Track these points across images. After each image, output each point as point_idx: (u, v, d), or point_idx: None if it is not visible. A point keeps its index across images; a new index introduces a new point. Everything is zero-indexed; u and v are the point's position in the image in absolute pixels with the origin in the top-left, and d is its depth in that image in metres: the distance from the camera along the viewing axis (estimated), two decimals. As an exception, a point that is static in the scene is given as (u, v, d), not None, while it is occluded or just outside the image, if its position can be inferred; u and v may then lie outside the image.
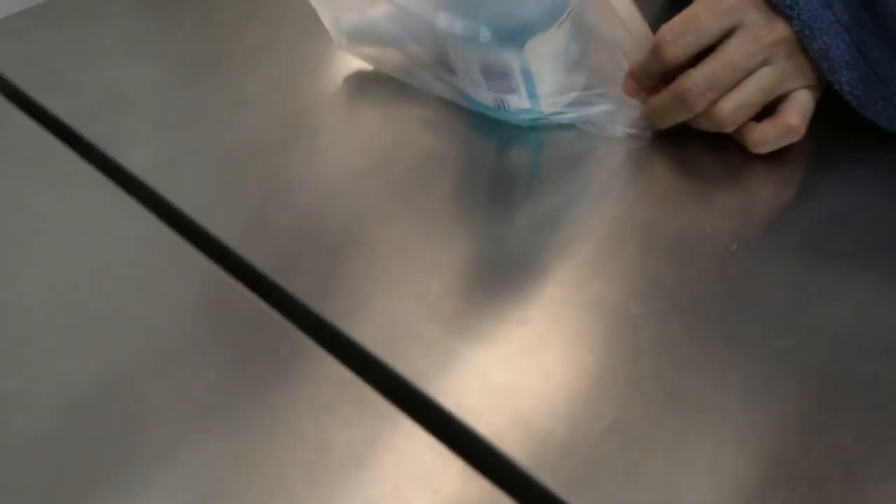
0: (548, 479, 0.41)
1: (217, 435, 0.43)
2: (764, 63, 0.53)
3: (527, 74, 0.55)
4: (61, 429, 0.43)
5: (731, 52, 0.53)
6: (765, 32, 0.53)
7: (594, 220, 0.53)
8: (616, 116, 0.58)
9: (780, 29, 0.53)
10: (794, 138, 0.55)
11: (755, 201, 0.54)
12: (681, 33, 0.53)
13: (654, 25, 0.55)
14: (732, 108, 0.53)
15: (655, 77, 0.56)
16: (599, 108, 0.58)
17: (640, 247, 0.51)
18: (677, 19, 0.54)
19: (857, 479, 0.41)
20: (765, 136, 0.54)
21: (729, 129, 0.54)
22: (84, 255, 0.51)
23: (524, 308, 0.48)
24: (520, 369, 0.45)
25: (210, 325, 0.47)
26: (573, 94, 0.58)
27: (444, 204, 0.54)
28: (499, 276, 0.49)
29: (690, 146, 0.57)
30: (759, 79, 0.53)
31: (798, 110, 0.54)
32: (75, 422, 0.43)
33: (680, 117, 0.55)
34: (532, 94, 0.57)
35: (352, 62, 0.64)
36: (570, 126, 0.58)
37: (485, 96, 0.58)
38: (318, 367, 0.45)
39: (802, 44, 0.53)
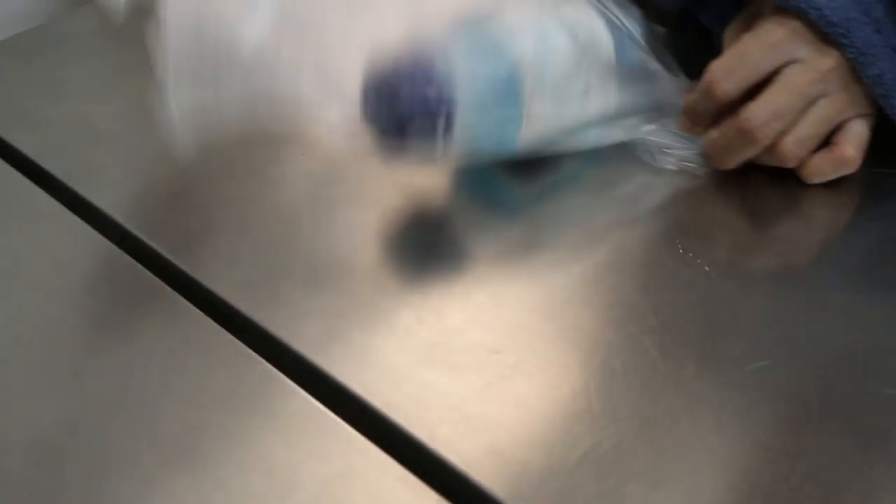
0: (524, 509, 0.40)
1: (187, 473, 0.42)
2: (822, 93, 0.53)
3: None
4: (29, 466, 0.43)
5: (792, 80, 0.52)
6: (819, 62, 0.52)
7: (575, 247, 0.53)
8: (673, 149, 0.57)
9: (834, 58, 0.52)
10: (850, 170, 0.54)
11: (729, 223, 0.54)
12: (731, 69, 0.52)
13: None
14: (795, 141, 0.53)
15: (707, 116, 0.55)
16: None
17: (615, 271, 0.51)
18: (727, 56, 0.53)
19: (834, 502, 0.41)
20: (820, 169, 0.54)
21: (792, 163, 0.54)
22: (51, 292, 0.51)
23: (497, 336, 0.47)
24: (494, 398, 0.44)
25: (178, 361, 0.47)
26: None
27: (419, 234, 0.54)
28: (471, 304, 0.49)
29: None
30: (819, 110, 0.53)
31: (853, 141, 0.54)
32: (40, 463, 0.43)
33: (745, 153, 0.54)
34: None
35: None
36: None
37: None
38: (289, 401, 0.45)
39: (856, 71, 0.52)
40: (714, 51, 0.55)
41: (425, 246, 0.53)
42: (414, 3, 0.52)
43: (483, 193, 0.57)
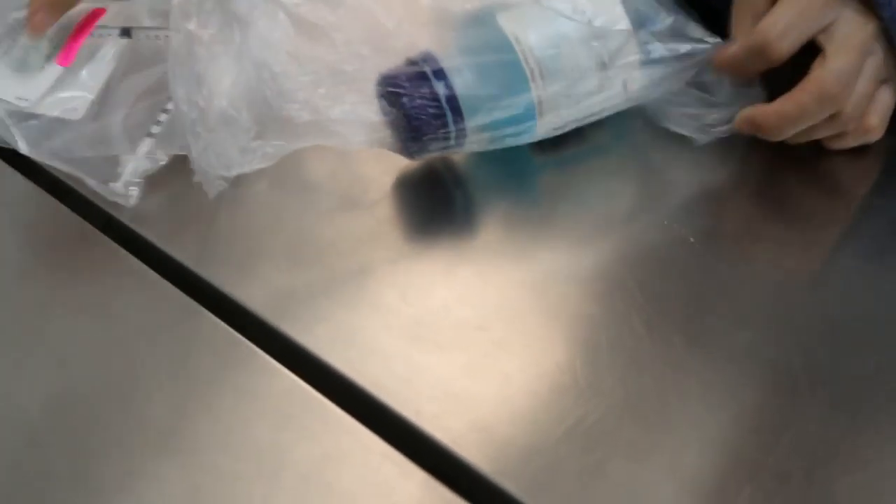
0: (509, 484, 0.40)
1: (174, 456, 0.42)
2: (871, 53, 0.52)
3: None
4: (15, 453, 0.43)
5: (850, 39, 0.51)
6: (864, 22, 0.51)
7: (563, 223, 0.52)
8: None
9: (875, 20, 0.51)
10: (873, 139, 0.54)
11: (715, 194, 0.54)
12: (787, 29, 0.51)
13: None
14: (855, 102, 0.51)
15: (753, 75, 0.53)
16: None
17: (600, 245, 0.51)
18: (779, 15, 0.51)
19: (821, 473, 0.41)
20: (842, 139, 0.54)
21: (852, 125, 0.53)
22: (33, 276, 0.51)
23: (482, 313, 0.47)
24: (479, 375, 0.44)
25: (163, 344, 0.47)
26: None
27: (402, 213, 0.54)
28: (454, 282, 0.49)
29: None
30: (868, 69, 0.52)
31: (878, 109, 0.53)
32: (26, 449, 0.43)
33: (821, 117, 0.52)
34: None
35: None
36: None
37: None
38: (275, 382, 0.45)
39: (890, 36, 0.51)
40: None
41: (411, 223, 0.53)
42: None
43: (499, 165, 0.55)
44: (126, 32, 0.57)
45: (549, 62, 0.51)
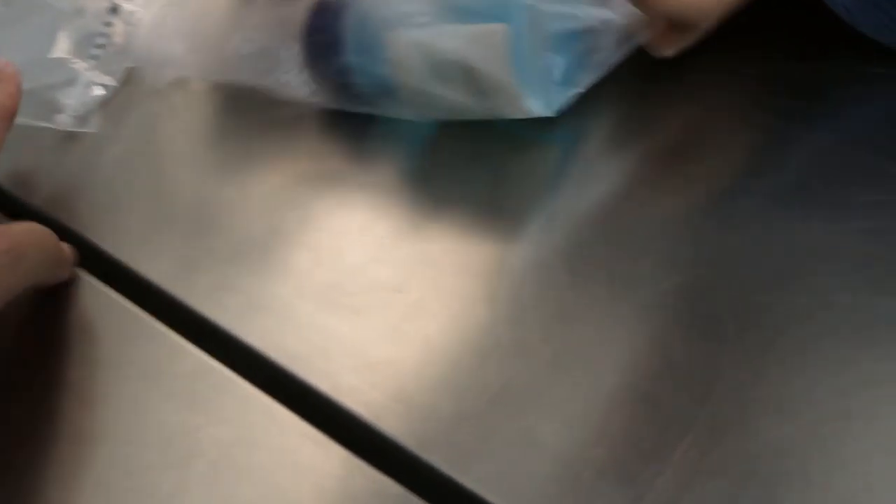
0: (436, 458, 0.38)
1: (77, 447, 0.39)
2: None
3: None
4: None
5: None
6: None
7: (475, 173, 0.50)
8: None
9: None
10: None
11: (642, 135, 0.52)
12: None
13: None
14: None
15: None
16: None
17: (517, 194, 0.48)
18: None
19: (756, 419, 0.40)
20: None
21: None
22: None
23: (398, 273, 0.45)
24: (399, 341, 0.42)
25: (60, 325, 0.43)
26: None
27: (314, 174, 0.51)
28: (369, 241, 0.46)
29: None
30: None
31: None
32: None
33: None
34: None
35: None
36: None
37: None
38: (180, 360, 0.42)
39: None
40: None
41: (318, 179, 0.50)
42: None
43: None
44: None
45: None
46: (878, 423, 0.38)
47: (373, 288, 0.44)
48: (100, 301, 0.44)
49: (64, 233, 0.46)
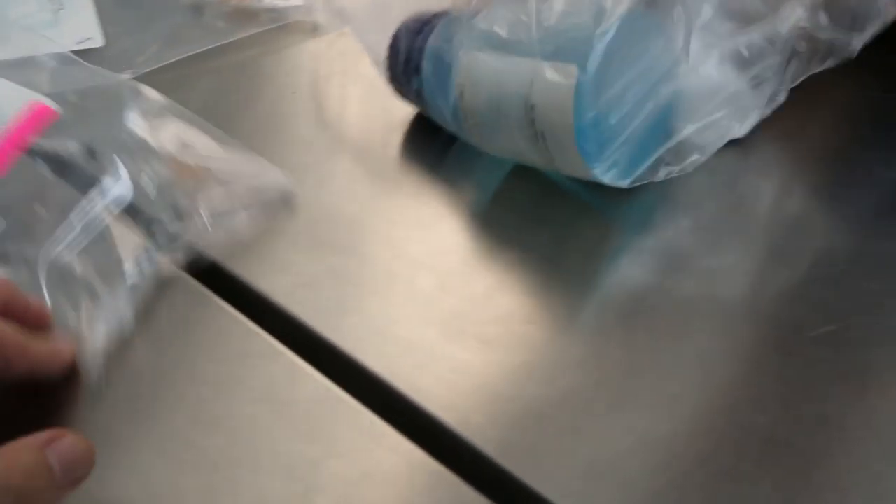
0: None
1: (198, 474, 0.38)
2: None
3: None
4: None
5: None
6: None
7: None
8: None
9: None
10: None
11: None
12: None
13: None
14: None
15: None
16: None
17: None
18: None
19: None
20: None
21: None
22: None
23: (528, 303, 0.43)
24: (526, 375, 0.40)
25: (188, 342, 0.42)
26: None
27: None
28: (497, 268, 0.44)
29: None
30: None
31: None
32: None
33: None
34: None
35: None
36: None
37: None
38: (301, 383, 0.40)
39: None
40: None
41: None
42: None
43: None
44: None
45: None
46: None
47: (497, 319, 0.42)
48: (221, 319, 0.43)
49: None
